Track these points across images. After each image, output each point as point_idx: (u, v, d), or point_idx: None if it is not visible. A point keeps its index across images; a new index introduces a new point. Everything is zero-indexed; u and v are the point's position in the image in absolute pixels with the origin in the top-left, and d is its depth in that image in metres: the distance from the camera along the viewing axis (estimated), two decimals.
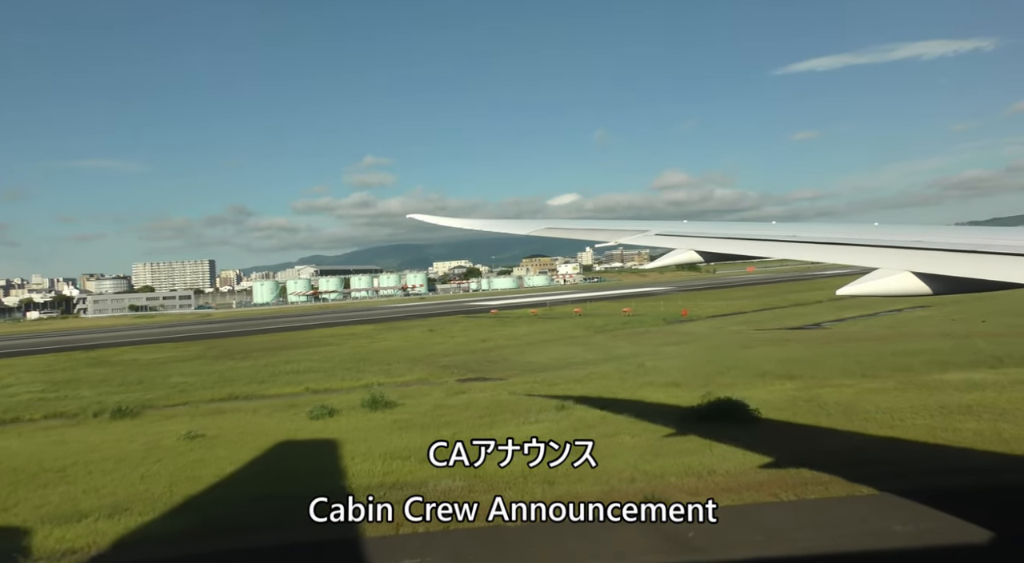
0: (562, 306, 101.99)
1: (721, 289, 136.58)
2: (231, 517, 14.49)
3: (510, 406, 27.37)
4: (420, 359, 48.92)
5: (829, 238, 8.02)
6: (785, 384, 28.55)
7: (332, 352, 56.01)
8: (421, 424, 24.33)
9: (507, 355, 49.13)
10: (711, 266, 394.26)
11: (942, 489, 13.90)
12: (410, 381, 38.33)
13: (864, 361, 33.02)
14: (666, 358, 41.56)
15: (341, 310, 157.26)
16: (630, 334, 58.27)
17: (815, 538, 12.10)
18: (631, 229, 10.90)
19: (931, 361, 31.11)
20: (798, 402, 24.39)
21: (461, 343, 58.44)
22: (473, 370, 42.20)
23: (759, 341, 47.31)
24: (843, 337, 46.97)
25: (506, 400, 29.14)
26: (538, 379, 36.18)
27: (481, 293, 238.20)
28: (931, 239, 7.07)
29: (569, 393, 29.88)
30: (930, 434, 18.54)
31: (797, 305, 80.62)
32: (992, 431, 18.24)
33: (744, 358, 38.21)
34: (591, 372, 37.19)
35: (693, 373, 33.60)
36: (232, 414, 29.19)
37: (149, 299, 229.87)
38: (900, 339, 42.71)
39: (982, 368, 28.26)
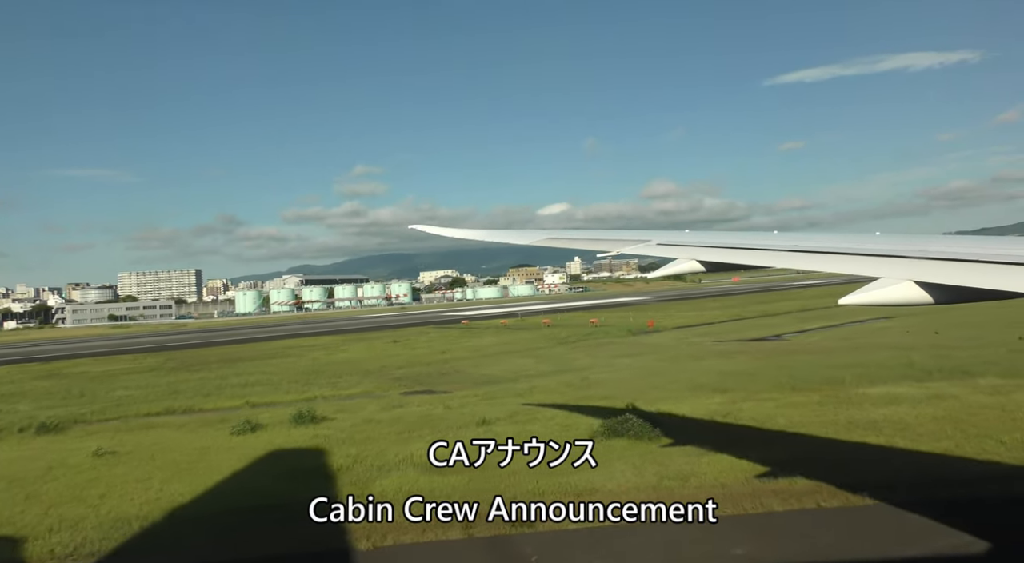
0: (534, 317, 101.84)
1: (699, 299, 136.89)
2: (78, 544, 14.24)
3: (437, 421, 27.19)
4: (374, 371, 48.68)
5: (831, 247, 8.01)
6: (714, 398, 28.55)
7: (289, 364, 55.63)
8: (337, 440, 24.10)
9: (462, 367, 48.98)
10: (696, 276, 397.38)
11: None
12: (354, 394, 38.09)
13: (799, 374, 33.05)
14: (615, 370, 41.56)
15: (319, 320, 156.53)
16: (591, 346, 58.21)
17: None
18: (633, 239, 10.83)
19: (863, 375, 31.15)
20: (715, 416, 24.42)
21: (421, 355, 58.21)
22: (422, 383, 42.03)
23: (712, 353, 47.35)
24: (794, 349, 47.10)
25: (437, 415, 28.96)
26: (481, 392, 36.04)
27: (465, 303, 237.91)
28: (933, 248, 7.04)
29: (505, 407, 29.85)
30: (823, 450, 18.55)
31: (765, 316, 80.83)
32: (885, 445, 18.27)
33: (689, 371, 38.22)
34: (535, 386, 37.10)
35: (632, 387, 33.55)
36: (158, 430, 28.84)
37: (129, 309, 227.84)
38: (847, 351, 42.86)
39: (908, 382, 28.32)
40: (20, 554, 13.69)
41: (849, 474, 16.08)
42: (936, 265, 6.59)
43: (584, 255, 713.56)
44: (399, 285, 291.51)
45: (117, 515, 16.18)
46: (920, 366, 32.52)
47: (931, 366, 32.07)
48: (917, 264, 6.72)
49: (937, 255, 6.79)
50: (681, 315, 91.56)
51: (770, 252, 8.56)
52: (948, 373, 29.79)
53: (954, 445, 18.09)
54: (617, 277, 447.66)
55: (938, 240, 7.56)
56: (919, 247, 7.19)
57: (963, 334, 48.62)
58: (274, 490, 17.43)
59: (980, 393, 24.86)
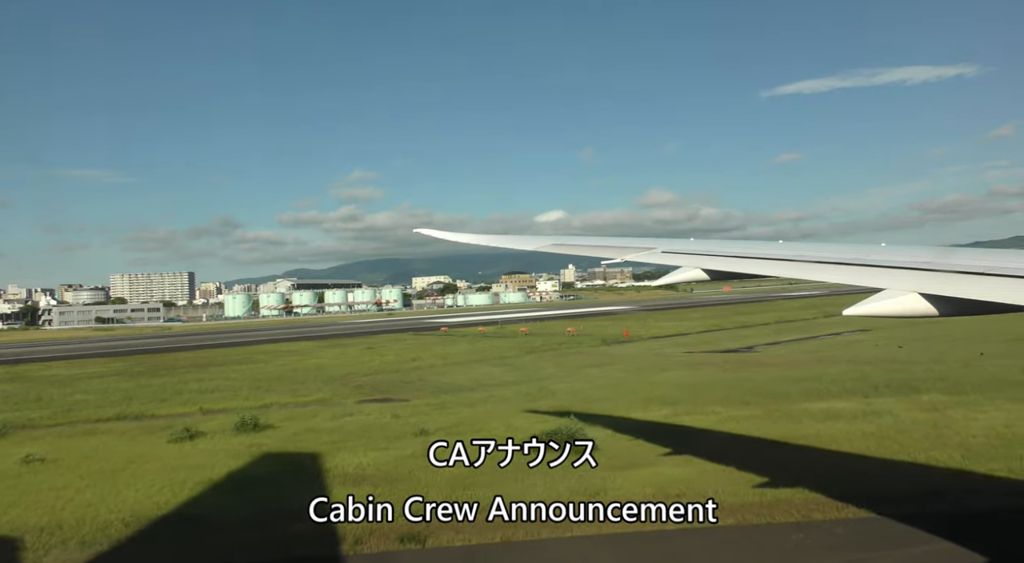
0: (516, 325, 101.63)
1: (685, 309, 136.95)
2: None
3: (376, 431, 27.02)
4: (338, 378, 48.43)
5: (837, 258, 7.93)
6: (662, 410, 28.46)
7: (257, 370, 55.32)
8: (271, 450, 23.90)
9: (427, 375, 48.77)
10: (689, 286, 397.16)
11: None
12: (309, 402, 37.84)
13: (754, 388, 32.94)
14: (576, 381, 41.43)
15: (305, 325, 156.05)
16: (561, 355, 58.06)
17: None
18: (638, 246, 10.75)
19: (813, 389, 31.07)
20: (656, 429, 24.31)
21: (391, 362, 57.98)
22: (382, 391, 41.81)
23: (678, 364, 47.24)
24: (760, 362, 47.04)
25: (381, 424, 28.77)
26: (437, 401, 35.87)
27: (454, 309, 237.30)
28: (939, 260, 6.95)
29: (454, 417, 29.74)
30: (747, 467, 18.41)
31: (743, 327, 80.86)
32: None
33: (647, 383, 38.08)
34: (492, 395, 36.95)
35: (586, 398, 33.44)
36: (99, 436, 28.55)
37: (117, 311, 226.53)
38: (810, 364, 42.82)
39: (854, 397, 28.25)
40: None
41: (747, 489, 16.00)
42: (941, 277, 6.49)
43: (579, 263, 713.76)
44: (390, 290, 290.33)
45: (16, 524, 15.95)
46: (871, 381, 32.45)
47: (882, 381, 32.01)
48: (922, 276, 6.63)
49: (942, 267, 6.70)
50: (661, 325, 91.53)
51: (775, 262, 8.47)
52: (895, 389, 29.72)
53: (868, 465, 17.97)
54: (611, 285, 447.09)
55: (943, 252, 7.48)
56: (924, 259, 7.10)
57: (929, 348, 48.67)
58: (179, 503, 17.22)
59: (918, 409, 24.80)
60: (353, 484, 18.49)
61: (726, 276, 8.80)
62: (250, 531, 14.90)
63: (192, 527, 15.21)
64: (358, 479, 18.95)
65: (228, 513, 16.12)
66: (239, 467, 20.99)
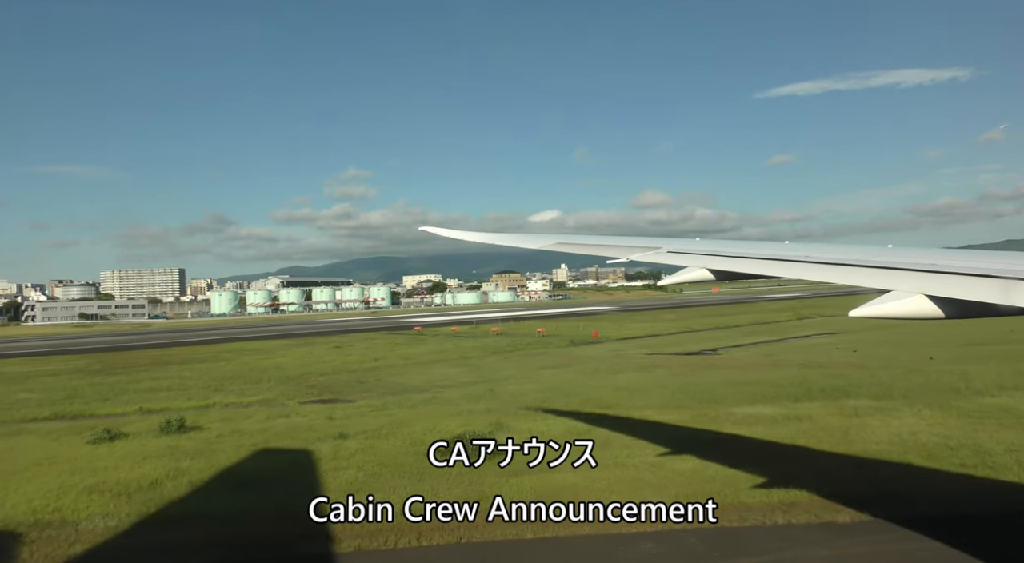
0: (492, 324, 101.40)
1: (667, 310, 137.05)
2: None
3: (301, 433, 26.74)
4: (293, 378, 48.18)
5: (843, 259, 7.85)
6: (603, 411, 28.43)
7: (215, 369, 54.97)
8: (185, 452, 23.57)
9: (383, 376, 48.54)
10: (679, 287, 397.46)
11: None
12: (253, 402, 37.54)
13: (694, 391, 32.79)
14: (528, 382, 41.35)
15: (287, 323, 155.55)
16: (524, 356, 57.91)
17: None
18: (643, 246, 10.66)
19: (750, 393, 30.94)
20: (574, 434, 24.06)
21: (352, 361, 57.74)
22: (333, 391, 41.60)
23: (633, 367, 47.12)
24: (714, 364, 46.98)
25: (308, 426, 28.47)
26: (381, 403, 35.62)
27: (441, 308, 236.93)
28: (946, 262, 6.86)
29: (389, 419, 29.59)
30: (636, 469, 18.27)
31: (715, 329, 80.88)
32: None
33: (595, 385, 37.97)
34: (437, 397, 36.74)
35: (528, 400, 33.23)
36: (22, 437, 28.22)
37: (101, 307, 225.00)
38: (761, 368, 42.77)
39: (784, 402, 28.13)
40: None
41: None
42: (948, 279, 6.43)
43: (572, 263, 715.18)
44: (377, 289, 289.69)
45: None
46: (809, 385, 32.33)
47: (819, 386, 31.88)
48: (929, 278, 6.57)
49: (949, 269, 6.62)
50: (636, 326, 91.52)
51: (781, 262, 8.41)
52: (828, 394, 29.61)
53: (755, 469, 17.82)
54: (602, 286, 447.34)
55: (950, 254, 7.40)
56: (931, 261, 7.02)
57: (884, 352, 48.70)
58: (52, 508, 16.94)
59: (838, 415, 24.71)
60: (238, 489, 18.27)
61: (732, 276, 8.72)
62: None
63: (42, 534, 14.95)
64: (245, 483, 18.71)
65: (94, 519, 15.86)
66: (138, 471, 20.69)
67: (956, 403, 25.75)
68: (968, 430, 21.41)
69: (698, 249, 9.80)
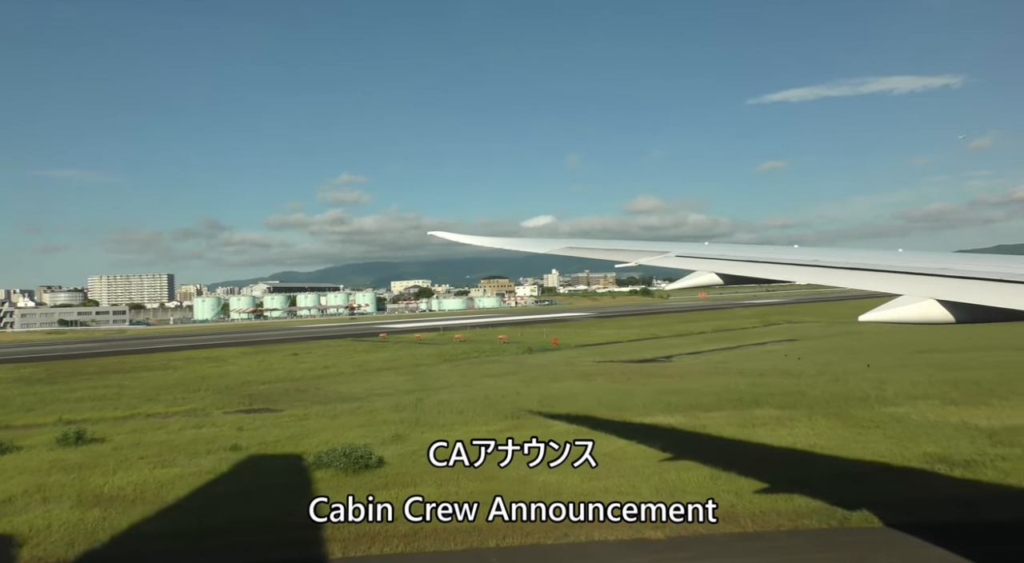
0: (459, 331, 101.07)
1: (641, 316, 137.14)
2: None
3: (200, 445, 26.40)
4: (234, 387, 47.79)
5: (854, 263, 7.77)
6: (503, 423, 28.20)
7: (160, 377, 54.51)
8: (69, 466, 23.19)
9: (326, 385, 48.18)
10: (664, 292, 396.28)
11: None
12: (177, 412, 37.13)
13: (616, 400, 32.49)
14: (464, 390, 41.16)
15: (263, 329, 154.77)
16: (474, 364, 57.63)
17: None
18: (651, 250, 10.57)
19: (668, 402, 30.58)
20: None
21: (303, 369, 57.35)
22: (267, 400, 41.26)
23: (578, 375, 46.85)
24: (657, 373, 46.76)
25: (213, 437, 28.11)
26: (305, 412, 35.23)
27: (426, 314, 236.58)
28: (956, 266, 6.80)
29: (299, 429, 29.32)
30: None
31: (678, 336, 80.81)
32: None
33: (525, 393, 37.66)
34: (364, 406, 36.45)
35: (447, 409, 32.96)
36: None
37: (81, 314, 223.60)
38: (701, 376, 42.62)
39: (694, 411, 27.92)
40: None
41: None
42: (959, 284, 6.37)
43: (563, 268, 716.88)
44: (363, 295, 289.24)
45: None
46: (729, 394, 32.11)
47: (738, 395, 31.66)
48: (939, 282, 6.51)
49: (960, 273, 6.56)
50: (603, 332, 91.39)
51: (791, 266, 8.31)
52: (742, 403, 29.40)
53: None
54: (591, 291, 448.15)
55: (961, 259, 7.33)
56: (942, 265, 6.94)
57: (824, 360, 48.68)
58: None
59: (737, 425, 24.51)
60: (92, 506, 17.91)
61: (740, 280, 8.64)
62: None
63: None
64: (99, 501, 18.35)
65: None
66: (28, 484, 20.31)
67: (856, 412, 25.61)
68: (849, 440, 21.27)
69: (706, 253, 9.78)
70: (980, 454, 18.56)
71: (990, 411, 24.54)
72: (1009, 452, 18.85)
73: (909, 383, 31.69)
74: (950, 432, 21.82)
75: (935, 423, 23.19)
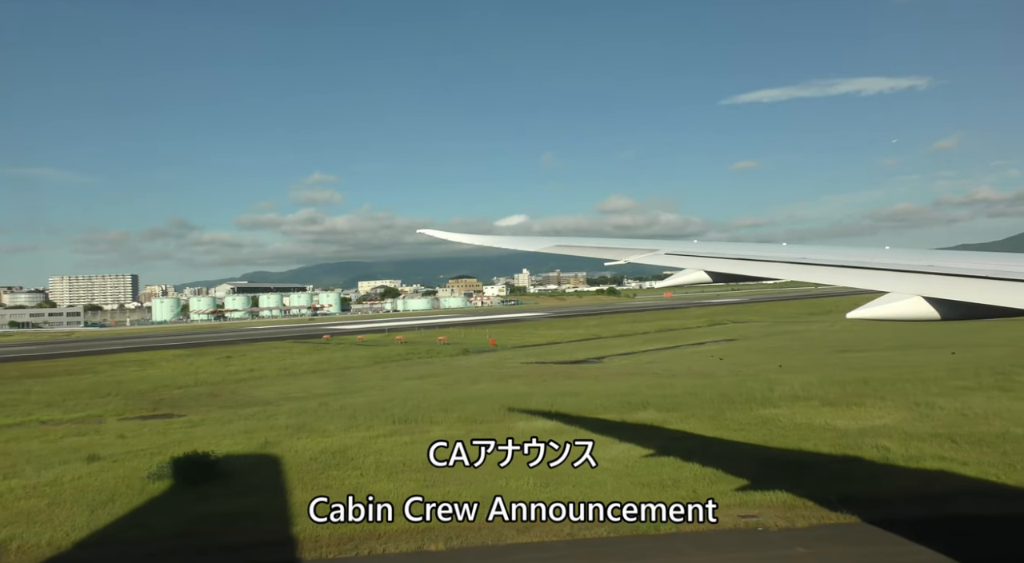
0: (411, 332, 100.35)
1: (595, 316, 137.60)
2: None
3: (60, 455, 25.48)
4: (146, 392, 46.64)
5: (841, 261, 7.79)
6: (387, 427, 27.74)
7: (71, 382, 53.00)
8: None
9: (243, 389, 47.23)
10: (631, 292, 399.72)
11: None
12: (71, 419, 36.05)
13: (514, 403, 32.10)
14: (376, 393, 40.77)
15: (215, 331, 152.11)
16: (404, 366, 57.04)
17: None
18: (641, 248, 10.53)
19: (562, 406, 30.36)
20: (326, 454, 23.30)
21: (228, 372, 56.28)
22: (174, 406, 40.25)
23: (499, 376, 46.54)
24: (581, 374, 46.63)
25: (80, 446, 27.23)
26: (206, 418, 34.50)
27: (389, 314, 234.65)
28: (942, 264, 6.84)
29: (178, 436, 28.51)
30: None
31: (620, 336, 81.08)
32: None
33: (436, 397, 37.00)
34: (265, 411, 35.64)
35: (350, 414, 32.25)
36: None
37: (33, 315, 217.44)
38: (618, 378, 42.63)
39: (580, 414, 27.71)
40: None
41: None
42: (944, 281, 6.42)
43: (535, 268, 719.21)
44: (327, 295, 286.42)
45: None
46: (624, 398, 31.73)
47: (632, 399, 31.32)
48: (925, 279, 6.55)
49: (945, 271, 6.60)
50: (549, 333, 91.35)
51: (779, 264, 8.35)
52: (628, 407, 29.07)
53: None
54: (561, 291, 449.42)
55: (947, 256, 7.34)
56: (928, 262, 6.97)
57: (746, 360, 49.04)
58: None
59: (601, 429, 24.29)
60: None
61: (729, 278, 8.61)
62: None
63: None
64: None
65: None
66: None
67: (732, 414, 25.56)
68: (706, 443, 21.15)
69: (695, 251, 9.75)
70: (815, 459, 18.51)
71: (858, 412, 24.64)
72: (850, 452, 18.88)
73: (801, 384, 31.81)
74: (807, 434, 21.84)
75: (799, 425, 23.20)
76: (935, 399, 26.04)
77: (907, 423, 22.18)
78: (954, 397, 26.25)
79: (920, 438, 20.05)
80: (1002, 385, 28.60)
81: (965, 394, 26.86)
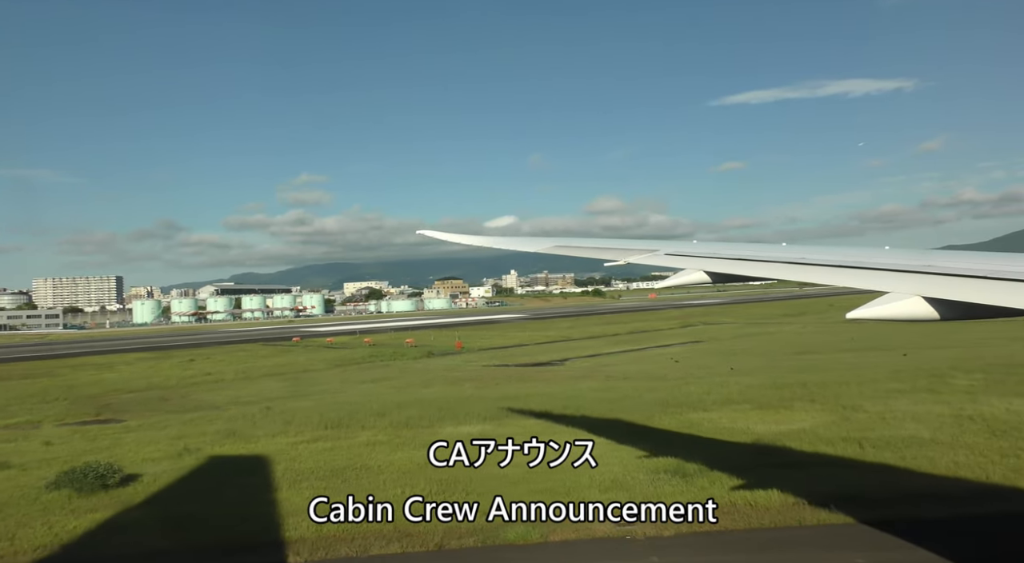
0: (380, 335, 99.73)
1: (571, 317, 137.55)
2: None
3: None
4: (94, 396, 46.06)
5: (840, 261, 7.80)
6: (314, 432, 27.37)
7: (21, 386, 52.49)
8: None
9: (195, 393, 46.68)
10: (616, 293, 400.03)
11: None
12: (8, 425, 35.50)
13: (452, 407, 31.80)
14: (327, 397, 40.51)
15: (193, 333, 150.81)
16: (364, 369, 56.65)
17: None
18: (640, 249, 10.50)
19: (503, 410, 29.99)
20: (237, 461, 22.93)
21: (184, 376, 55.70)
22: (119, 411, 39.78)
23: (454, 380, 46.27)
24: (535, 377, 46.42)
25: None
26: (147, 423, 34.12)
27: (373, 316, 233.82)
28: (942, 264, 6.85)
29: (107, 442, 28.09)
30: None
31: (591, 338, 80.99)
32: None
33: (386, 401, 36.71)
34: (208, 416, 35.33)
35: (279, 420, 31.81)
36: None
37: (11, 317, 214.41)
38: (571, 381, 42.52)
39: (504, 420, 27.41)
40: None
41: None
42: (943, 281, 6.43)
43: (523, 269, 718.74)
44: (310, 297, 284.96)
45: None
46: (575, 402, 31.27)
47: (577, 404, 31.11)
48: (924, 279, 6.58)
49: (944, 270, 6.62)
50: (520, 335, 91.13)
51: (779, 264, 8.37)
52: (564, 411, 29.00)
53: None
54: (547, 292, 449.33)
55: (946, 256, 7.36)
56: (927, 262, 7.00)
57: (702, 363, 49.01)
58: None
59: (527, 433, 23.96)
60: None
61: (729, 278, 8.62)
62: None
63: None
64: None
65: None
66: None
67: (661, 418, 25.30)
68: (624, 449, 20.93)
69: (695, 251, 9.75)
70: (712, 465, 18.28)
71: (783, 416, 24.47)
72: (751, 461, 18.69)
73: (740, 387, 31.67)
74: (726, 438, 21.69)
75: (722, 429, 23.00)
76: (863, 402, 25.93)
77: (824, 427, 22.02)
78: (882, 400, 26.17)
79: (829, 442, 19.88)
80: (933, 387, 28.54)
81: (894, 397, 26.77)
